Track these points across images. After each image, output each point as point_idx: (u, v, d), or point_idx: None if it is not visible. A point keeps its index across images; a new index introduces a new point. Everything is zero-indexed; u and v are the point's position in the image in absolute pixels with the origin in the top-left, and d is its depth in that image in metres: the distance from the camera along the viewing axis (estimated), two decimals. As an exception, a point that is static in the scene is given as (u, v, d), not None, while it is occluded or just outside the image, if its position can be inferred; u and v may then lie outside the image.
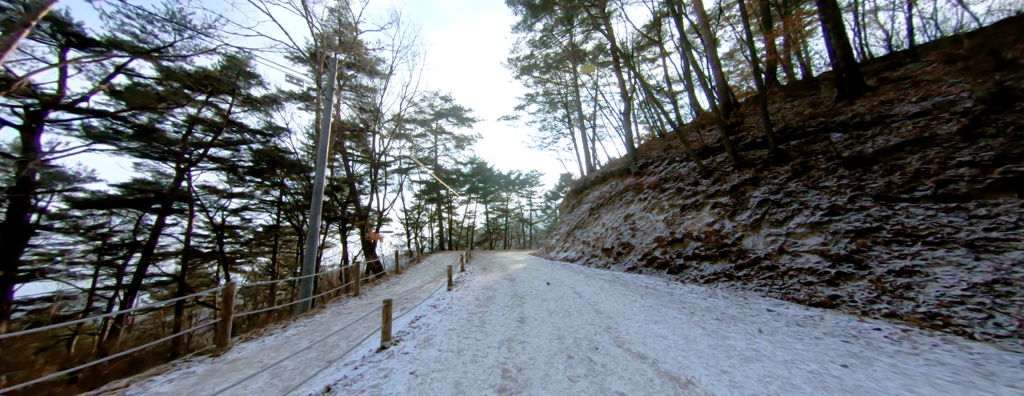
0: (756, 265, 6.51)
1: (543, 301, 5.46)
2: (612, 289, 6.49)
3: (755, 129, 9.28)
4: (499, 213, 40.88)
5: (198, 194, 20.50)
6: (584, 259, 12.69)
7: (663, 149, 12.68)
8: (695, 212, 8.88)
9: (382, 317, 3.28)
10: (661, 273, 8.44)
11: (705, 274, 7.30)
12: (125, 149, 15.64)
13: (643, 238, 10.20)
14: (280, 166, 21.91)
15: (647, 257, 9.41)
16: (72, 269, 16.61)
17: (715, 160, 9.60)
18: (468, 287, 6.79)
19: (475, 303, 5.34)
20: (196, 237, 22.51)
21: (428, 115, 30.44)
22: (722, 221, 7.93)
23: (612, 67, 25.44)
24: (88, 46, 11.67)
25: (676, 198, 9.91)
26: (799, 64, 15.66)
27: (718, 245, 7.54)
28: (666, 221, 9.67)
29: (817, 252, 5.78)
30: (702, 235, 8.11)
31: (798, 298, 5.38)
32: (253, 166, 21.20)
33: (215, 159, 19.90)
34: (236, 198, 23.03)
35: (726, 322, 3.88)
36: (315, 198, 6.22)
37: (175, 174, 17.07)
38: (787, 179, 7.21)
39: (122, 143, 15.23)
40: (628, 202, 12.50)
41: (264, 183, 22.90)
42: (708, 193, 8.85)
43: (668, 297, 5.57)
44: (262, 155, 20.84)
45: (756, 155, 8.52)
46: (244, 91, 18.31)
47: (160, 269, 20.04)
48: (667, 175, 11.23)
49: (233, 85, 17.53)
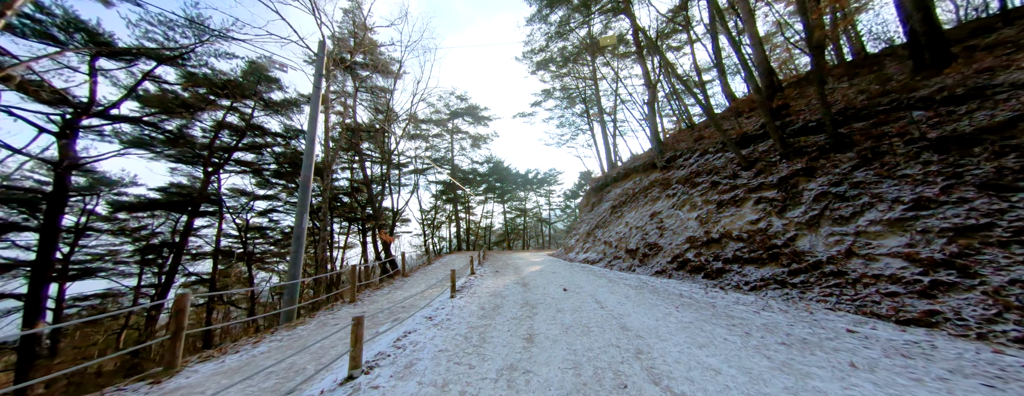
0: (816, 270, 5.41)
1: (558, 312, 4.63)
2: (640, 298, 5.57)
3: (805, 113, 8.07)
4: (517, 213, 40.12)
5: (227, 197, 21.02)
6: (606, 261, 11.71)
7: (693, 140, 11.52)
8: (734, 208, 7.78)
9: (350, 338, 2.59)
10: (695, 278, 7.41)
11: (750, 280, 6.24)
12: (160, 154, 16.13)
13: (672, 238, 9.15)
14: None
15: (678, 259, 8.38)
16: (119, 268, 17.42)
17: (757, 149, 8.44)
18: (475, 293, 6.06)
19: (478, 314, 4.60)
20: (228, 238, 23.20)
21: (444, 115, 30.12)
22: (768, 218, 6.82)
23: (633, 58, 24.17)
24: (118, 55, 11.85)
25: (711, 193, 8.81)
26: (847, 44, 14.03)
27: (765, 246, 6.45)
28: (699, 219, 8.59)
29: (901, 255, 4.65)
30: (744, 235, 7.03)
31: (879, 313, 4.29)
32: (277, 169, 21.54)
33: (242, 163, 20.27)
34: (263, 200, 23.50)
35: (797, 348, 2.94)
36: (301, 194, 5.65)
37: (203, 177, 17.43)
38: (852, 168, 6.04)
39: (155, 148, 15.69)
40: (654, 199, 11.42)
41: (288, 185, 23.26)
42: (750, 187, 7.73)
43: (710, 310, 4.61)
44: (284, 158, 21.07)
45: (808, 142, 7.33)
46: (265, 95, 18.47)
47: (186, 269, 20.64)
48: (699, 168, 10.10)
49: (255, 89, 17.70)
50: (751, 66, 8.53)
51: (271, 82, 17.94)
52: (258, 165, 20.35)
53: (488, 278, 8.36)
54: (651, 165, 13.16)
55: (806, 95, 8.89)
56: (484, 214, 37.60)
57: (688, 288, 6.33)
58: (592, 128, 26.52)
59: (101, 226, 17.84)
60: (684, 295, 5.65)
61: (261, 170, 20.58)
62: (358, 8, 18.46)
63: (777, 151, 7.71)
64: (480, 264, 11.79)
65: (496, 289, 6.62)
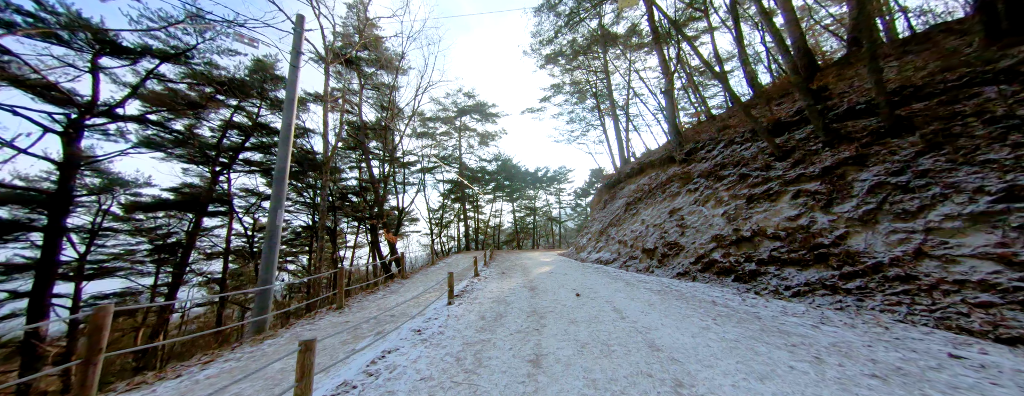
0: (876, 274, 4.59)
1: (571, 324, 3.95)
2: (666, 305, 4.83)
3: (850, 95, 7.15)
4: (527, 211, 39.41)
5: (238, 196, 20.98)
6: (620, 261, 10.94)
7: (717, 130, 10.63)
8: (768, 203, 6.93)
9: (296, 371, 1.94)
10: (724, 281, 6.61)
11: (791, 285, 5.42)
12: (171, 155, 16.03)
13: (696, 237, 8.34)
14: (311, 168, 22.00)
15: (702, 260, 7.57)
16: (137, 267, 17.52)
17: (793, 137, 7.56)
18: (475, 299, 5.41)
19: (477, 326, 3.95)
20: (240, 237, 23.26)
21: (451, 112, 29.60)
22: (811, 214, 5.98)
23: (647, 49, 23.16)
24: (121, 53, 11.60)
25: (739, 187, 7.96)
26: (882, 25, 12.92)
27: (808, 245, 5.62)
28: (726, 216, 7.76)
29: (991, 257, 3.80)
30: (782, 232, 6.20)
31: (969, 328, 3.48)
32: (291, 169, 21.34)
33: (250, 162, 20.15)
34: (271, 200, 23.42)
35: (898, 384, 2.20)
36: (276, 188, 5.03)
37: (210, 177, 17.30)
38: (916, 154, 5.16)
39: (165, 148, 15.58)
40: (673, 194, 10.58)
41: (297, 185, 23.13)
42: (786, 179, 6.87)
43: (755, 322, 3.85)
44: (292, 157, 20.83)
45: (856, 127, 6.44)
46: (271, 94, 18.21)
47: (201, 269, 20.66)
48: (724, 160, 9.24)
49: (260, 88, 17.46)
50: (786, 46, 7.63)
51: (277, 80, 17.67)
52: (267, 164, 20.15)
53: (493, 281, 7.70)
54: (669, 159, 12.29)
55: (845, 78, 7.94)
56: (493, 213, 37.02)
57: (719, 293, 5.55)
58: (603, 123, 25.61)
59: (120, 226, 18.00)
60: (717, 302, 4.88)
61: (269, 170, 20.39)
62: (360, 3, 18.01)
63: (818, 138, 6.84)
64: (486, 265, 11.14)
65: (500, 294, 5.96)
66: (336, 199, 25.91)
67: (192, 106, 13.33)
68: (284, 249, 25.29)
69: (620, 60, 23.03)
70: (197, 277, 21.73)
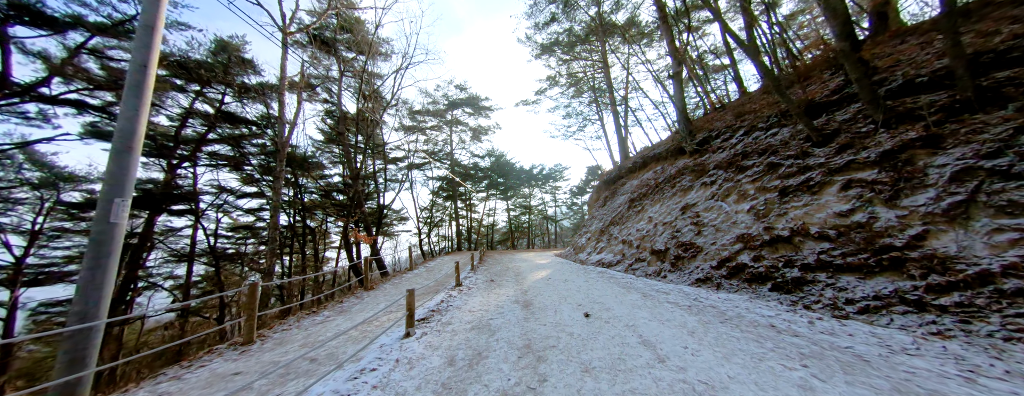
0: (985, 287, 3.47)
1: (585, 374, 2.74)
2: (710, 333, 3.67)
3: (906, 67, 6.06)
4: (521, 210, 38.22)
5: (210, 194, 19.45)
6: (625, 263, 9.79)
7: (734, 117, 9.53)
8: (808, 196, 5.82)
9: None
10: (758, 290, 5.48)
11: (855, 298, 4.30)
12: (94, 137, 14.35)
13: (715, 236, 7.22)
14: (291, 163, 20.53)
15: (727, 264, 6.44)
16: None
17: (834, 118, 6.45)
18: (447, 325, 4.19)
19: (437, 381, 2.70)
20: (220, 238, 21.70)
21: (441, 105, 28.24)
22: (870, 208, 4.87)
23: (645, 42, 22.08)
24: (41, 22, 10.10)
25: (768, 178, 6.85)
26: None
27: (870, 247, 4.51)
28: (754, 212, 6.64)
29: None
30: (830, 231, 5.08)
31: None
32: (261, 163, 19.94)
33: (220, 156, 18.56)
34: (250, 198, 21.92)
35: None
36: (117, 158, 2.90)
37: (167, 171, 15.78)
38: (1016, 131, 4.07)
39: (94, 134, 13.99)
40: (685, 189, 9.47)
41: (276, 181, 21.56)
42: (830, 167, 5.76)
43: (863, 368, 2.69)
44: (265, 150, 19.38)
45: (919, 103, 5.34)
46: (239, 79, 16.68)
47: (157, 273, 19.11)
48: (746, 149, 8.13)
49: (225, 73, 15.93)
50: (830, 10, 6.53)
51: (245, 65, 16.16)
52: (238, 159, 18.57)
53: (477, 292, 6.44)
54: (677, 150, 11.18)
55: (895, 52, 6.87)
56: (487, 212, 35.78)
57: (768, 310, 4.39)
58: (602, 117, 24.53)
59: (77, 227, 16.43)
60: (778, 327, 3.71)
61: (240, 164, 18.82)
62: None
63: (869, 118, 5.73)
64: (474, 270, 9.87)
65: (484, 314, 4.70)
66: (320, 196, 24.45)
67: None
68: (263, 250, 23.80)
69: (619, 52, 21.93)
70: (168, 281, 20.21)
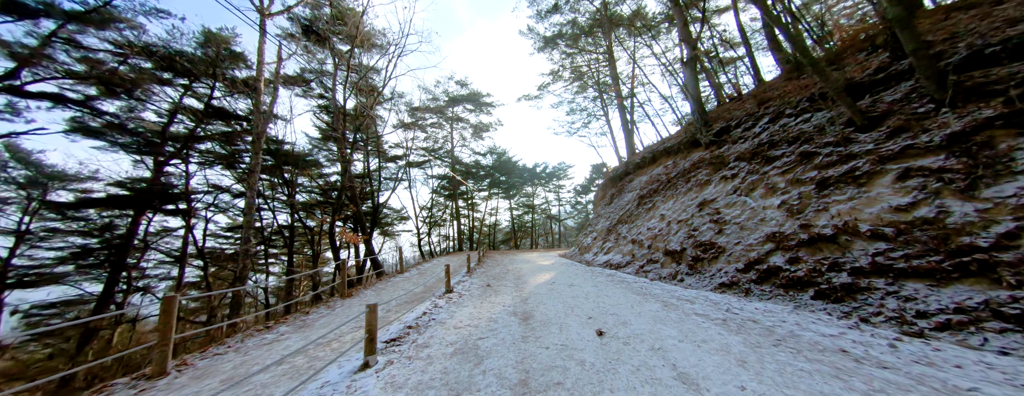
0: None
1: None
2: (766, 360, 2.88)
3: (967, 38, 5.21)
4: (524, 209, 37.44)
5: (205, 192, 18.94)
6: (636, 265, 8.99)
7: (756, 104, 8.69)
8: (854, 188, 5.00)
9: None
10: (797, 297, 4.68)
11: (929, 310, 3.50)
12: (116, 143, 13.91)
13: (740, 235, 6.40)
14: (286, 160, 19.94)
15: (756, 267, 5.63)
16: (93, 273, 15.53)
17: (881, 99, 5.62)
18: (424, 348, 3.45)
19: None
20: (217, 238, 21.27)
21: (441, 102, 27.55)
22: (938, 201, 4.06)
23: (653, 34, 21.20)
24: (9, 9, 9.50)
25: (802, 168, 6.02)
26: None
27: (943, 248, 3.71)
28: (787, 207, 5.82)
29: None
30: (887, 228, 4.27)
31: None
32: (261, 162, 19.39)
33: (211, 153, 17.99)
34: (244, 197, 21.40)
35: None
36: None
37: (154, 168, 15.22)
38: None
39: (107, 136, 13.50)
40: (701, 183, 8.64)
41: (273, 180, 20.99)
42: (881, 153, 4.93)
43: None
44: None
45: (990, 77, 4.50)
46: (228, 73, 16.06)
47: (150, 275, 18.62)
48: (772, 137, 7.30)
49: (214, 66, 15.32)
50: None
51: (235, 58, 15.55)
52: (230, 156, 17.97)
53: (469, 301, 5.64)
54: (691, 142, 10.35)
55: (945, 26, 6.02)
56: (489, 211, 35.05)
57: (831, 330, 3.56)
58: (607, 113, 23.67)
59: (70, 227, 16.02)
60: (855, 354, 2.89)
61: (233, 162, 18.21)
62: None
63: (927, 95, 4.90)
64: (470, 272, 9.08)
65: (472, 332, 3.88)
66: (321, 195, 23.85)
67: (123, 83, 11.22)
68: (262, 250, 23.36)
69: (625, 45, 21.08)
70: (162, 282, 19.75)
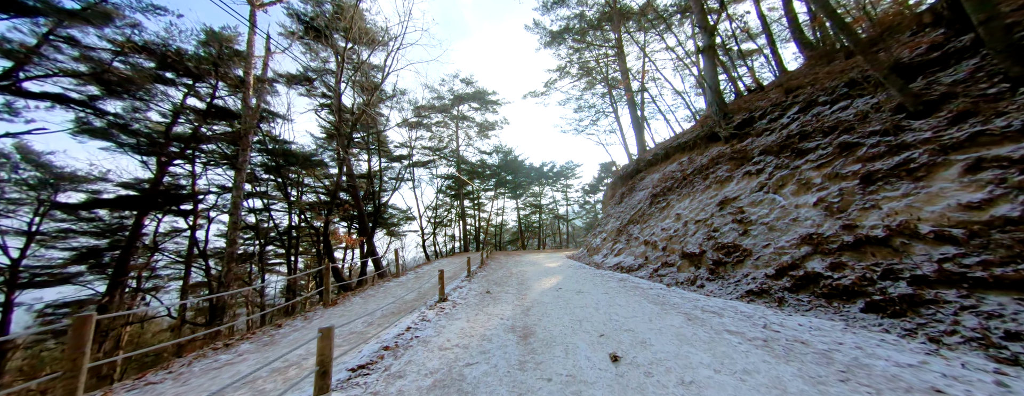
0: None
1: None
2: None
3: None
4: (532, 209, 36.85)
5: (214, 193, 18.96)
6: (649, 268, 8.36)
7: (783, 92, 7.98)
8: (909, 183, 4.32)
9: None
10: (844, 310, 4.04)
11: (1020, 330, 2.84)
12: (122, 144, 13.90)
13: (769, 237, 5.74)
14: (292, 161, 19.84)
15: (789, 272, 4.99)
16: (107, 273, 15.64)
17: (938, 80, 4.91)
18: (399, 375, 2.77)
19: None
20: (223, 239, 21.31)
21: (447, 100, 27.16)
22: (1021, 197, 3.38)
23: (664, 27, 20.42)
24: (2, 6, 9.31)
25: (842, 162, 5.34)
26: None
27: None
28: (824, 205, 5.15)
29: None
30: (957, 229, 3.61)
31: None
32: (265, 162, 19.44)
33: (216, 153, 17.93)
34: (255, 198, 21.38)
35: None
36: None
37: (157, 169, 15.13)
38: None
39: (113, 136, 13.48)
40: (721, 180, 7.97)
41: (278, 180, 20.91)
42: (942, 143, 4.25)
43: None
44: (263, 148, 18.71)
45: (1080, 48, 3.80)
46: (231, 73, 15.90)
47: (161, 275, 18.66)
48: (804, 128, 6.61)
49: (215, 66, 15.16)
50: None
51: (239, 58, 15.35)
52: (235, 157, 17.83)
53: (463, 312, 5.06)
54: (709, 136, 9.66)
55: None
56: (495, 211, 34.56)
57: (906, 358, 2.89)
58: (616, 110, 22.96)
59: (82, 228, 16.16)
60: None
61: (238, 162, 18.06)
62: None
63: (998, 74, 4.20)
64: (470, 277, 8.53)
65: (459, 355, 3.19)
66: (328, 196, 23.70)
67: (123, 83, 11.02)
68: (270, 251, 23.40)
69: (635, 39, 20.35)
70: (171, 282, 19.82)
